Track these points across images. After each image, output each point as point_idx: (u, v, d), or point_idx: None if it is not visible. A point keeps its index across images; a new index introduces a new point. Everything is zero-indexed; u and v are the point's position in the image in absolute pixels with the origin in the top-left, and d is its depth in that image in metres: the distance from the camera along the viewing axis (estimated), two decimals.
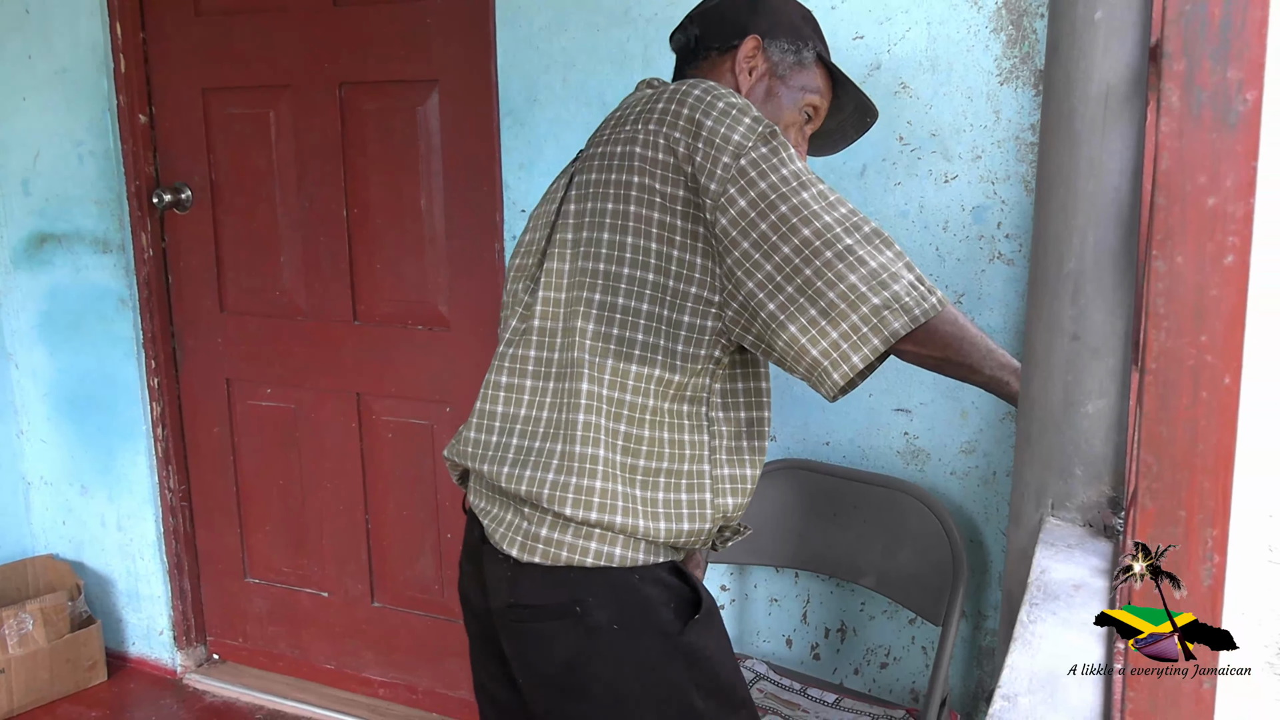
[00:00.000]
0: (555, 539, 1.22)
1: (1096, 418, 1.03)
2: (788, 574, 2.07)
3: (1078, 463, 1.04)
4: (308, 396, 2.60)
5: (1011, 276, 1.81)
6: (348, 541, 2.62)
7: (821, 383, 1.18)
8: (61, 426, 2.87)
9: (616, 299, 1.22)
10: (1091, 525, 1.05)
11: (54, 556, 2.91)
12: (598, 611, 1.22)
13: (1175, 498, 0.47)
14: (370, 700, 2.64)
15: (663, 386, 1.23)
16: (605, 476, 1.21)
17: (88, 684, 2.76)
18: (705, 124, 1.20)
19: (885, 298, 1.14)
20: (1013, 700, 0.76)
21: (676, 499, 1.24)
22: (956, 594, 1.73)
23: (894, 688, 2.01)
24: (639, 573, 1.23)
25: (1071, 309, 1.03)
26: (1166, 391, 0.47)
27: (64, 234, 2.73)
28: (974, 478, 1.88)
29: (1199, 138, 0.46)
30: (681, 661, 1.24)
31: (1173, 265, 0.47)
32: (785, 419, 2.01)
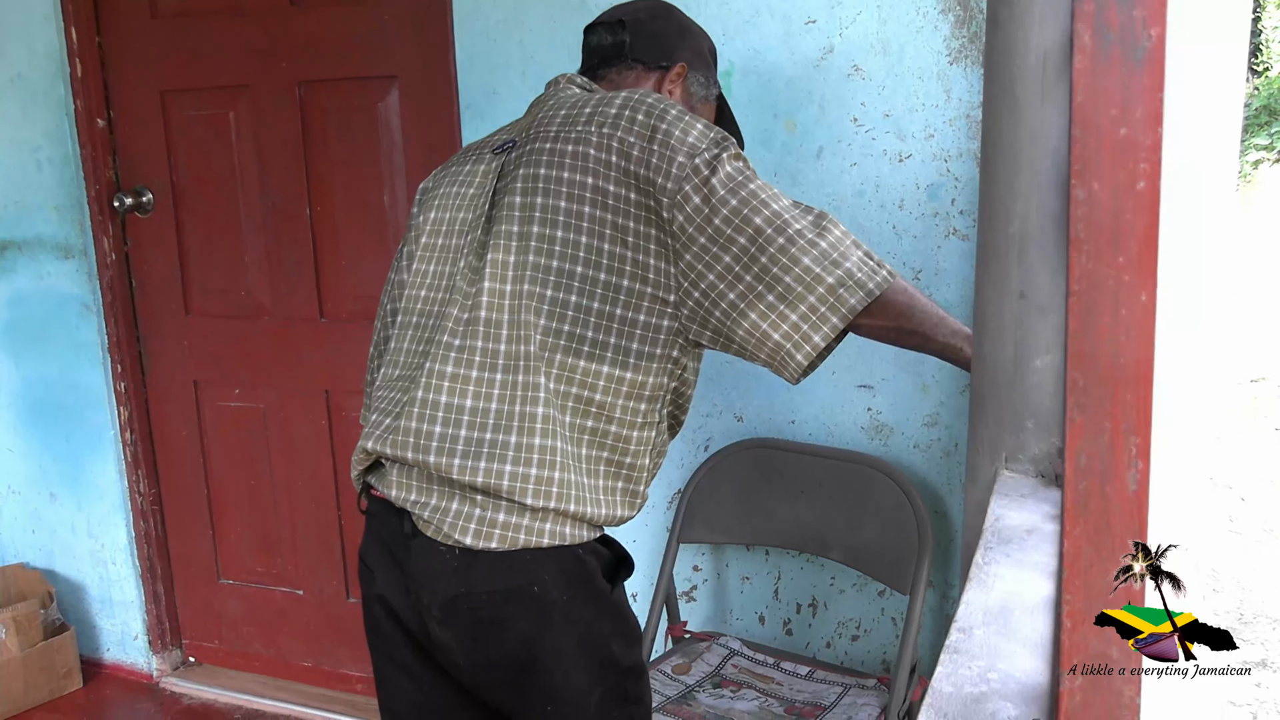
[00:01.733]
0: (513, 523, 1.23)
1: (1044, 372, 1.07)
2: (758, 552, 2.10)
3: (1028, 416, 1.08)
4: (276, 396, 2.61)
5: (967, 251, 1.85)
6: (321, 539, 2.63)
7: (785, 366, 1.23)
8: (27, 435, 2.85)
9: (569, 296, 1.24)
10: (1043, 475, 1.09)
11: (24, 565, 2.89)
12: (553, 589, 1.25)
13: (1101, 409, 0.51)
14: (348, 696, 2.65)
15: (614, 383, 1.26)
16: (563, 468, 1.23)
17: (63, 691, 2.75)
18: (660, 128, 1.25)
19: (839, 275, 1.20)
20: (968, 632, 0.79)
21: (620, 487, 1.30)
22: (923, 564, 1.77)
23: (865, 659, 2.05)
24: (583, 547, 1.28)
25: (1017, 269, 1.06)
26: (1089, 311, 0.51)
27: (24, 241, 2.72)
28: (936, 450, 1.93)
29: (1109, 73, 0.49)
30: (609, 617, 1.32)
31: (1090, 193, 0.50)
32: (750, 399, 2.04)
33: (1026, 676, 0.78)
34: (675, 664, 1.94)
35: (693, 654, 1.97)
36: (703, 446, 2.09)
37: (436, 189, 1.42)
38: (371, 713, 2.55)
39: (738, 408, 2.06)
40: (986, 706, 0.73)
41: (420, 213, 1.43)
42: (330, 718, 2.58)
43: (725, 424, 2.07)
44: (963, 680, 0.76)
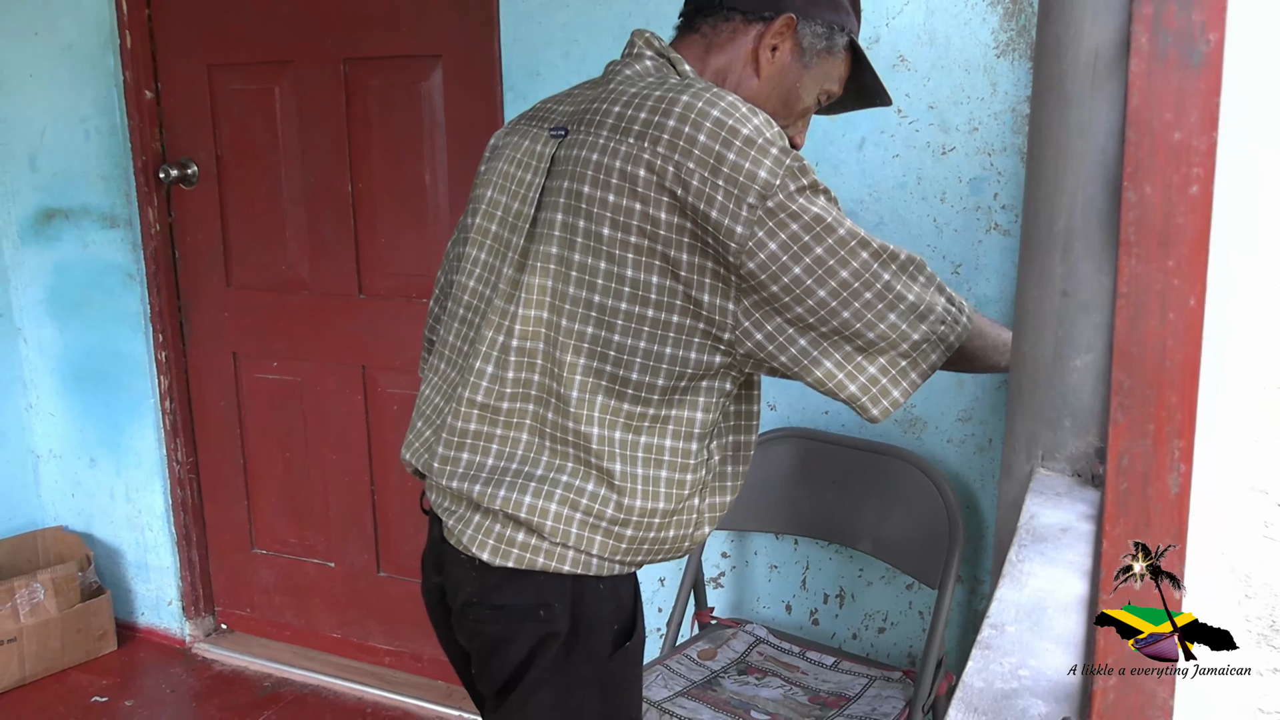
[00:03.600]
0: (531, 544, 1.17)
1: (1085, 371, 1.06)
2: (787, 540, 2.11)
3: (1066, 415, 1.07)
4: (313, 370, 2.64)
5: (1007, 247, 1.84)
6: (353, 512, 2.66)
7: (861, 413, 1.17)
8: (69, 400, 2.90)
9: (612, 335, 1.14)
10: (1080, 475, 1.08)
11: (63, 528, 2.95)
12: (560, 617, 1.19)
13: (1145, 411, 0.51)
14: (376, 668, 2.68)
15: (660, 424, 1.18)
16: (588, 511, 1.17)
17: (98, 653, 2.81)
18: (727, 158, 1.08)
19: (924, 332, 1.14)
20: (1000, 629, 0.80)
21: (661, 537, 1.21)
22: (952, 558, 1.77)
23: (891, 651, 2.05)
24: (604, 583, 1.21)
25: (1061, 266, 1.06)
26: (1137, 314, 0.51)
27: (71, 210, 2.76)
28: (970, 445, 1.92)
29: (1165, 76, 0.49)
30: (596, 690, 1.23)
31: (1142, 195, 0.50)
32: (784, 389, 2.04)
33: (1058, 674, 0.78)
34: (701, 649, 1.95)
35: (719, 640, 1.98)
36: None
37: (496, 160, 1.31)
38: (397, 684, 2.59)
39: (771, 397, 2.06)
40: (1017, 703, 0.74)
41: (481, 179, 1.33)
42: (358, 689, 2.61)
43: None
44: (994, 676, 0.77)
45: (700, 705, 1.75)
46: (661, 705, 1.72)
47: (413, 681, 2.62)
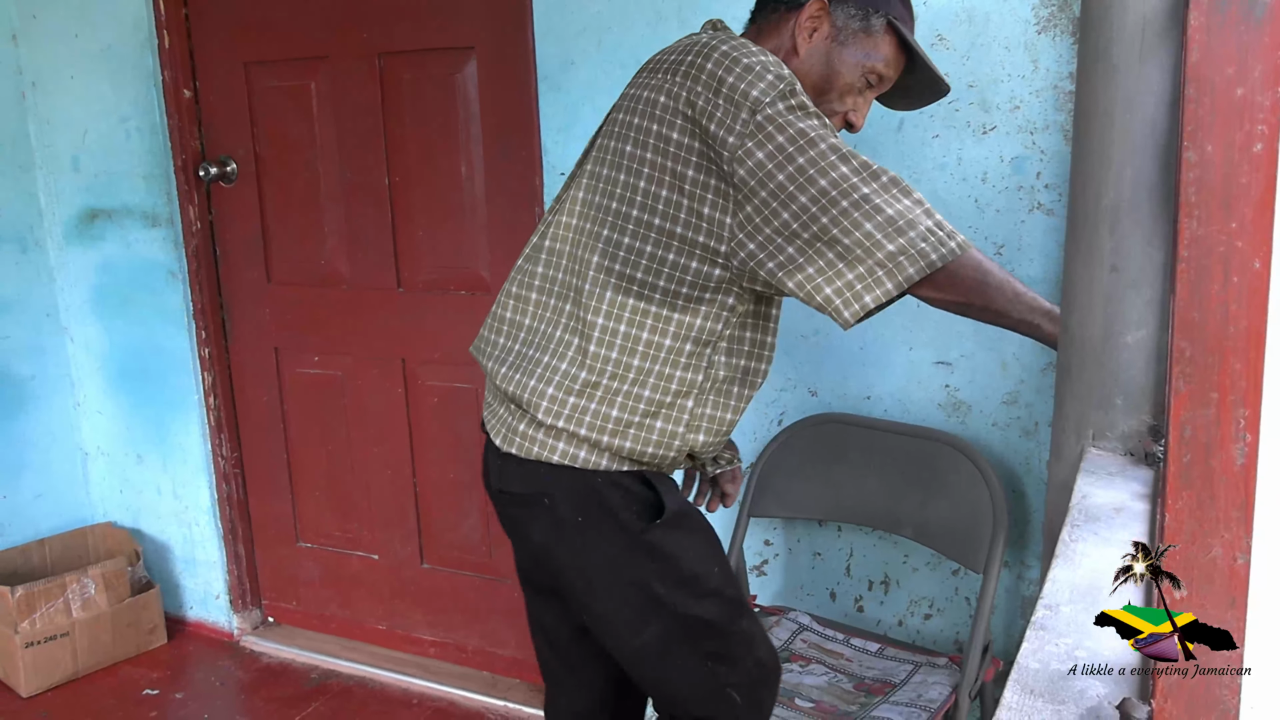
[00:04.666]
0: (529, 434, 1.34)
1: (1136, 348, 1.04)
2: (830, 528, 2.09)
3: (1118, 393, 1.05)
4: (353, 363, 2.65)
5: (1051, 226, 1.81)
6: (396, 505, 2.67)
7: (835, 317, 1.23)
8: (116, 398, 2.94)
9: (623, 238, 1.29)
10: (1132, 454, 1.06)
11: (112, 524, 2.99)
12: (562, 505, 1.34)
13: (1208, 380, 0.49)
14: (420, 659, 2.70)
15: (661, 323, 1.30)
16: (581, 394, 1.30)
17: (148, 646, 2.85)
18: (727, 80, 1.23)
19: (900, 244, 1.19)
20: (1054, 609, 0.78)
21: (650, 424, 1.32)
22: (998, 543, 1.74)
23: (938, 638, 2.03)
24: (600, 476, 1.34)
25: (1110, 241, 1.04)
26: (1198, 278, 0.49)
27: (113, 209, 2.80)
28: (1015, 429, 1.89)
29: (1226, 31, 0.47)
30: (644, 554, 1.35)
31: (1203, 155, 0.48)
32: (824, 374, 2.02)
33: (1115, 656, 0.77)
34: None
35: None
36: (776, 420, 2.08)
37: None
38: (442, 675, 2.61)
39: (812, 382, 2.04)
40: (1074, 684, 0.72)
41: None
42: (403, 679, 2.63)
43: (799, 398, 2.06)
44: (1049, 657, 0.75)
45: None
46: None
47: (457, 672, 2.63)
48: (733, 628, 1.43)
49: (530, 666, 2.57)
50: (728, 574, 1.46)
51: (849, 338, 1.99)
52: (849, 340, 1.99)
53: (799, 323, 1.99)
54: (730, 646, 1.42)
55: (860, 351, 1.99)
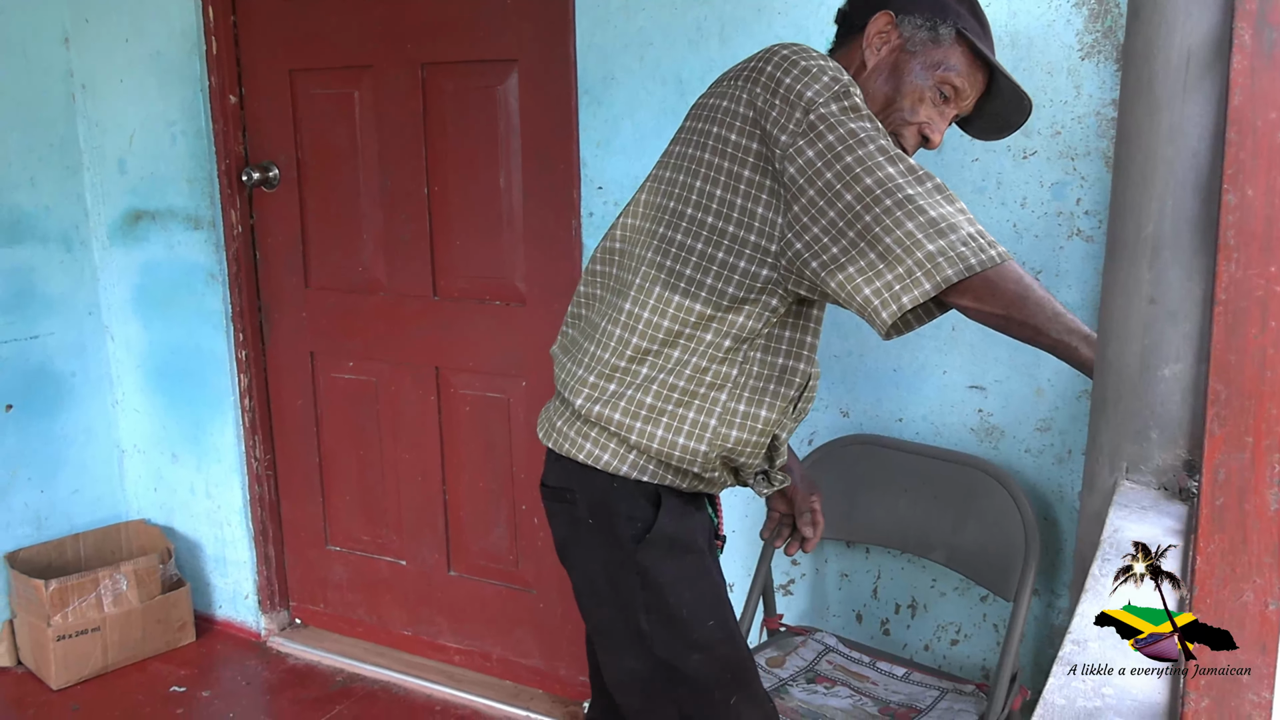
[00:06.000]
0: (563, 430, 1.40)
1: (1173, 381, 1.03)
2: (858, 549, 2.08)
3: (1153, 426, 1.04)
4: (388, 370, 2.67)
5: (1090, 253, 1.79)
6: (425, 512, 2.69)
7: (872, 320, 1.22)
8: (153, 397, 2.98)
9: (675, 235, 1.33)
10: (1166, 488, 1.05)
11: (146, 521, 3.03)
12: (580, 504, 1.40)
13: (1243, 424, 0.49)
14: (445, 666, 2.71)
15: (704, 320, 1.32)
16: (620, 382, 1.35)
17: (177, 644, 2.88)
18: (784, 81, 1.26)
19: (941, 245, 1.18)
20: (1082, 645, 0.77)
21: (682, 414, 1.34)
22: (1029, 570, 1.73)
23: (964, 664, 2.01)
24: (616, 482, 1.37)
25: (1149, 273, 1.03)
26: (1236, 321, 0.49)
27: (157, 211, 2.84)
28: (1048, 455, 1.88)
29: (1270, 73, 0.47)
30: (635, 576, 1.37)
31: (1243, 198, 0.48)
32: (858, 395, 2.02)
33: (1143, 694, 0.76)
34: (769, 657, 1.93)
35: (788, 648, 1.96)
36: (806, 440, 2.08)
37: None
38: (466, 683, 2.62)
39: (844, 403, 2.04)
40: None
41: None
42: (427, 686, 2.64)
43: (830, 419, 2.05)
44: (1075, 694, 0.74)
45: None
46: None
47: (482, 680, 2.64)
48: (718, 698, 1.38)
49: (553, 677, 2.58)
50: (728, 635, 1.41)
51: (882, 360, 1.98)
52: (882, 362, 1.98)
53: (832, 342, 1.99)
54: (708, 715, 1.38)
55: (893, 374, 1.98)
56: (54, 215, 2.87)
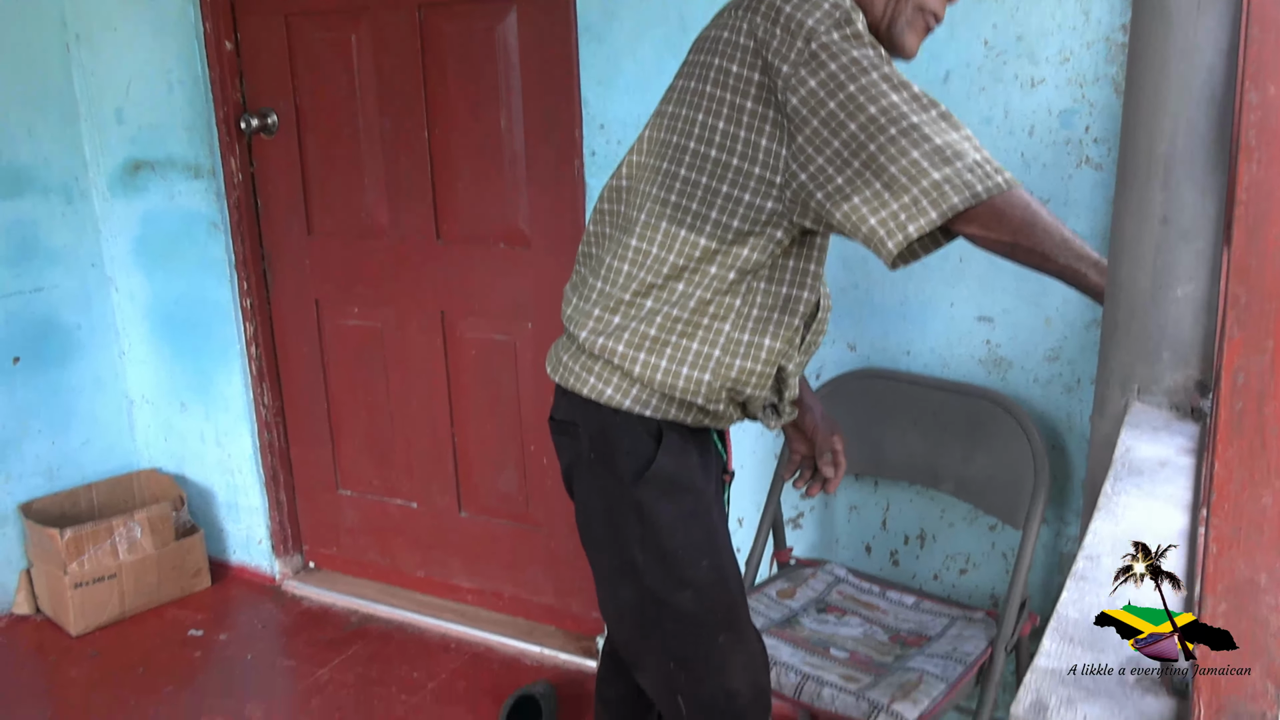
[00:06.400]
0: (568, 365, 1.41)
1: (1185, 302, 1.03)
2: (867, 481, 2.09)
3: (1165, 347, 1.04)
4: (393, 315, 2.67)
5: (1100, 181, 1.78)
6: (434, 455, 2.70)
7: (878, 250, 1.22)
8: (160, 347, 2.99)
9: (679, 169, 1.31)
10: (1178, 409, 1.05)
11: (157, 470, 3.05)
12: (583, 437, 1.41)
13: (1263, 326, 0.49)
14: (459, 606, 2.74)
15: (709, 254, 1.31)
16: (624, 315, 1.35)
17: (193, 589, 2.91)
18: (785, 9, 1.23)
19: (946, 173, 1.16)
20: (1096, 560, 0.78)
21: (686, 345, 1.34)
22: (1038, 499, 1.74)
23: (973, 593, 2.03)
24: (619, 416, 1.37)
25: (1162, 193, 1.02)
26: (1256, 223, 0.48)
27: (156, 161, 2.82)
28: (1057, 385, 1.88)
29: None
30: (632, 511, 1.38)
31: (1265, 96, 0.47)
32: (865, 329, 2.02)
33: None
34: (780, 588, 1.95)
35: (798, 580, 1.98)
36: (814, 375, 2.08)
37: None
38: (479, 621, 2.65)
39: (851, 337, 2.04)
40: (1113, 634, 0.72)
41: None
42: (441, 625, 2.68)
43: (838, 353, 2.05)
44: (1089, 607, 0.75)
45: (779, 642, 1.75)
46: None
47: (494, 619, 2.68)
48: (705, 635, 1.40)
49: (565, 614, 2.61)
50: (720, 576, 1.42)
51: (889, 293, 1.97)
52: (889, 295, 1.98)
53: (839, 276, 1.98)
54: (696, 655, 1.40)
55: (900, 307, 1.98)
56: (53, 167, 2.85)
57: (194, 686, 2.50)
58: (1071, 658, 0.68)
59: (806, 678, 1.65)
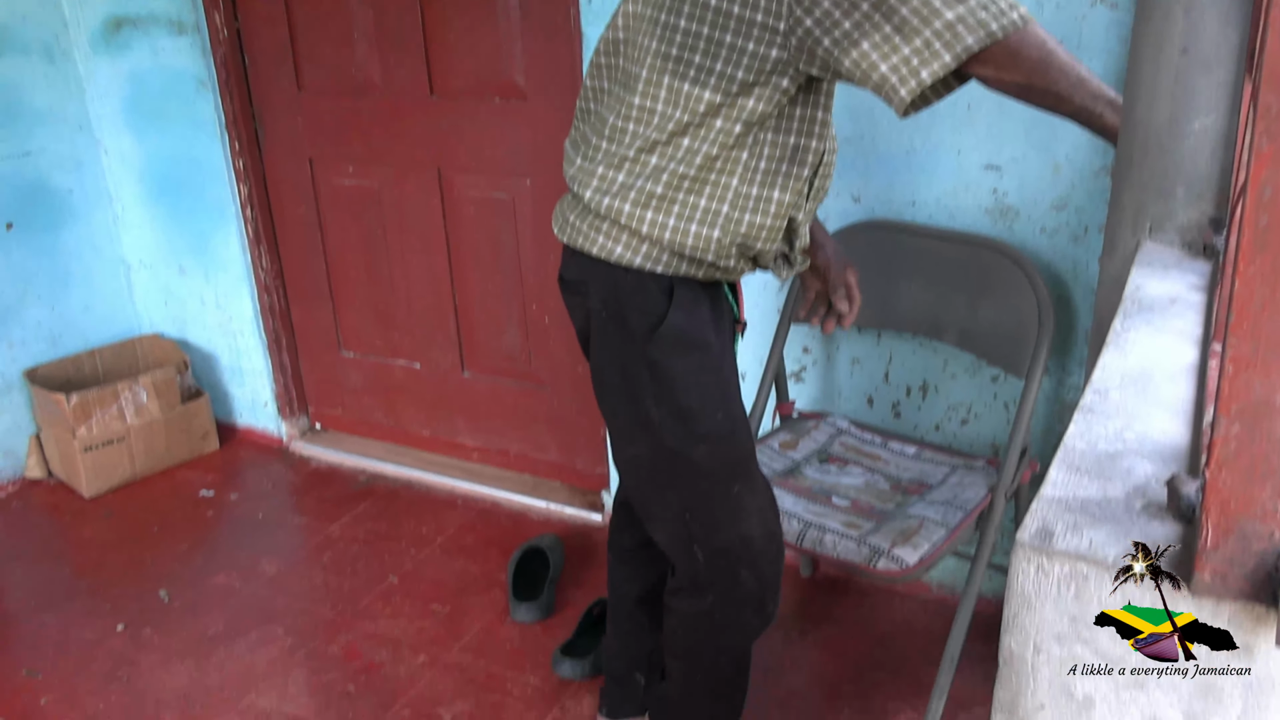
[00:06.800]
0: (575, 225, 1.38)
1: (1202, 135, 1.00)
2: (870, 334, 2.09)
3: (1180, 182, 1.02)
4: (389, 174, 2.62)
5: (1115, 21, 1.71)
6: (436, 315, 2.70)
7: (890, 98, 1.18)
8: (154, 210, 2.95)
9: (679, 21, 1.26)
10: (1190, 246, 1.03)
11: (159, 335, 3.05)
12: (594, 297, 1.40)
13: None
14: (464, 464, 2.78)
15: (714, 107, 1.26)
16: (629, 173, 1.32)
17: (202, 451, 2.95)
18: None
19: (959, 12, 1.12)
20: (1104, 394, 0.78)
21: (694, 202, 1.31)
22: (1042, 346, 1.73)
23: (974, 443, 2.05)
24: (630, 275, 1.35)
25: (1183, 22, 0.98)
26: None
27: (138, 17, 2.72)
28: (1064, 234, 1.85)
29: None
30: (645, 368, 1.38)
31: None
32: (870, 179, 1.98)
33: (1165, 437, 0.77)
34: (783, 440, 1.97)
35: (800, 432, 2.00)
36: None
37: None
38: (485, 478, 2.69)
39: (856, 189, 2.00)
40: (1121, 463, 0.72)
41: None
42: (448, 482, 2.72)
43: (842, 205, 2.02)
44: (1097, 438, 0.75)
45: (782, 492, 1.78)
46: None
47: (500, 475, 2.72)
48: (720, 487, 1.42)
49: (570, 469, 2.65)
50: (734, 427, 1.43)
51: (895, 142, 1.93)
52: (895, 144, 1.93)
53: (844, 126, 1.94)
54: (712, 505, 1.42)
55: (906, 156, 1.93)
56: (31, 24, 2.75)
57: (208, 544, 2.56)
58: (1078, 487, 0.68)
59: (809, 525, 1.68)
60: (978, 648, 1.98)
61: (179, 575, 2.41)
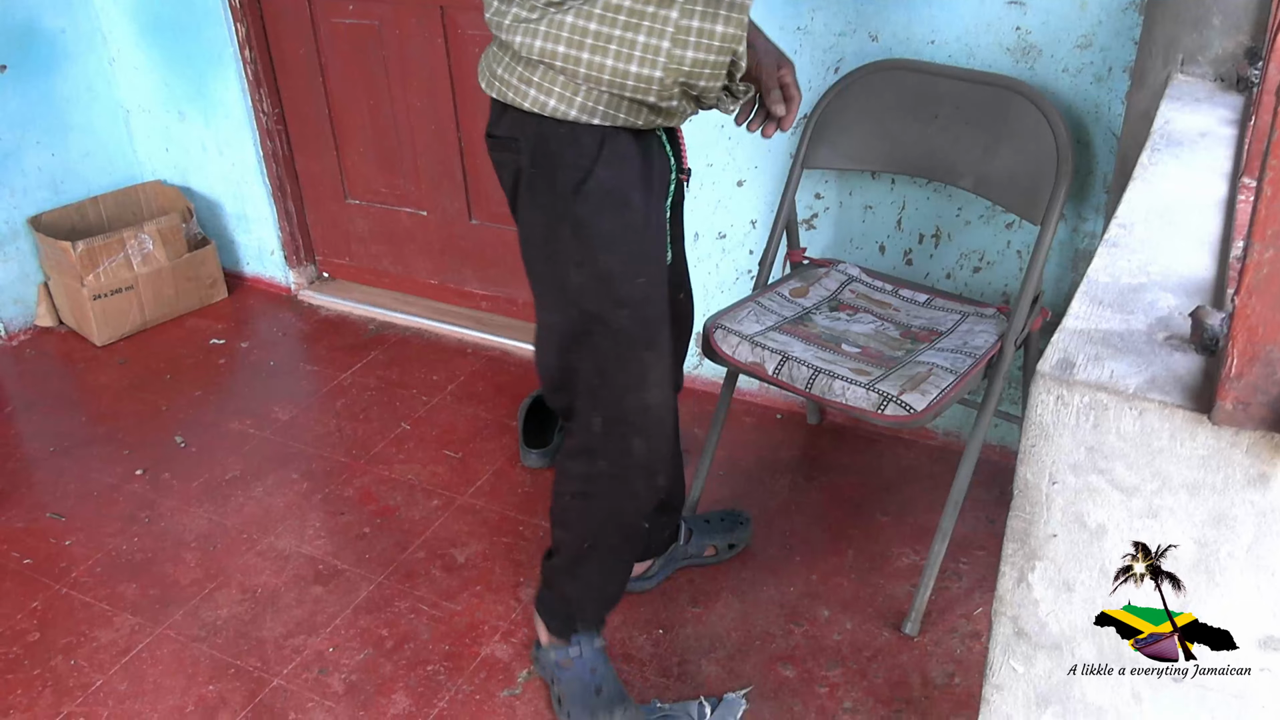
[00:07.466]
0: (504, 79, 1.31)
1: None
2: (884, 180, 2.05)
3: (1216, 12, 0.97)
4: (390, 11, 2.54)
5: None
6: (441, 160, 2.65)
7: None
8: (150, 53, 2.86)
9: None
10: (1223, 79, 1.00)
11: (162, 182, 3.01)
12: (524, 153, 1.34)
13: None
14: (473, 312, 2.78)
15: None
16: (559, 8, 1.22)
17: (210, 300, 2.95)
18: None
19: None
20: (1129, 228, 0.76)
21: (631, 39, 1.23)
22: (1059, 194, 1.70)
23: (986, 290, 2.04)
24: (564, 127, 1.29)
25: None
26: None
27: None
28: (1087, 74, 1.79)
29: None
30: (568, 226, 1.34)
31: None
32: (888, 17, 1.91)
33: (1190, 271, 0.75)
34: (793, 287, 1.95)
35: (811, 279, 1.98)
36: (833, 68, 1.99)
37: None
38: (494, 326, 2.70)
39: (873, 26, 1.93)
40: (1144, 296, 0.71)
41: None
42: (457, 330, 2.72)
43: (858, 44, 1.95)
44: (1120, 272, 0.74)
45: (792, 339, 1.78)
46: (753, 339, 1.76)
47: (509, 324, 2.72)
48: (631, 352, 1.41)
49: None
50: (651, 292, 1.41)
51: None
52: None
53: None
54: (620, 370, 1.41)
55: None
56: None
57: (221, 390, 2.58)
58: (1100, 320, 0.67)
59: (818, 371, 1.68)
60: (980, 494, 2.02)
61: (194, 421, 2.44)
